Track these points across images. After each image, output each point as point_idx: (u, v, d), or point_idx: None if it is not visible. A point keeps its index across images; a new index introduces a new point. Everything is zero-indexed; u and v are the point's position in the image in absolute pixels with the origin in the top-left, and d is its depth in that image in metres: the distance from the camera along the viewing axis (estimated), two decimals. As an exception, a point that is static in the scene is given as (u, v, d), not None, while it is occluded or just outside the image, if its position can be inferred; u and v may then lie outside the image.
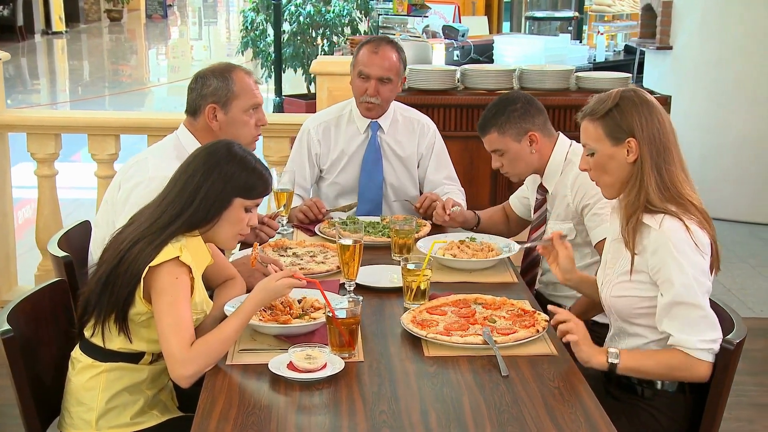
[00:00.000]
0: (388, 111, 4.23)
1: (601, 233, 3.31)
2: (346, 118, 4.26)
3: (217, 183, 2.76)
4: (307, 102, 9.80)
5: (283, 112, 9.24)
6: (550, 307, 2.86)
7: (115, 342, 2.78)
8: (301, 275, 2.82)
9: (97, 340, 2.79)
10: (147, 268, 2.66)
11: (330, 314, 2.70)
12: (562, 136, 3.61)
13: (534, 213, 3.71)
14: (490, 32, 10.74)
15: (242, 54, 10.62)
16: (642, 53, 9.51)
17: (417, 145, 4.28)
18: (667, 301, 2.70)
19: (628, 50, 10.47)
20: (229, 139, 2.97)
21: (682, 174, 2.80)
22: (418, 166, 4.31)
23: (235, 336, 2.67)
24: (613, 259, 2.94)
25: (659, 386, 2.82)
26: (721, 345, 2.67)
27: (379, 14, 8.30)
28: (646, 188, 2.76)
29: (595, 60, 9.18)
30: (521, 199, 3.92)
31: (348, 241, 3.13)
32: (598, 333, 3.26)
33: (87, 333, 2.81)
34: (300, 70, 10.19)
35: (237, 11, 33.97)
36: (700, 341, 2.67)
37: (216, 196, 2.77)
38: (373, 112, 4.17)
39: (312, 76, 10.07)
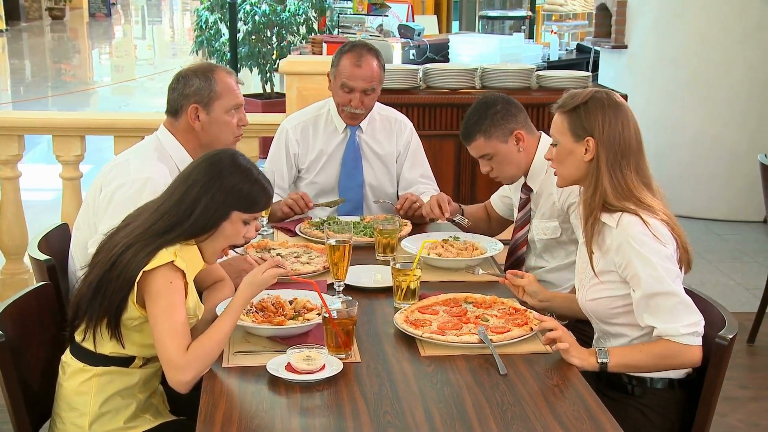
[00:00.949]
0: None
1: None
2: (324, 118, 4.25)
3: (217, 195, 2.72)
4: (264, 101, 9.75)
5: (239, 111, 9.16)
6: (536, 315, 2.88)
7: (107, 346, 2.75)
8: (284, 263, 2.81)
9: (88, 345, 2.75)
10: (141, 272, 2.63)
11: (326, 315, 2.69)
12: (544, 135, 3.63)
13: (518, 212, 3.72)
14: (440, 31, 10.79)
15: (197, 53, 10.53)
16: (596, 52, 9.61)
17: (395, 143, 4.29)
18: (641, 295, 2.74)
19: (581, 49, 10.59)
20: (234, 149, 2.93)
21: (638, 181, 2.83)
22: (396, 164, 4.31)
23: (227, 335, 2.65)
24: (584, 264, 2.97)
25: (648, 383, 2.84)
26: (715, 341, 2.71)
27: (339, 13, 8.28)
28: (602, 188, 2.81)
29: (549, 59, 9.27)
30: (502, 199, 3.93)
31: (338, 242, 3.12)
32: (582, 330, 3.29)
33: (78, 337, 2.78)
34: (256, 70, 10.13)
35: (180, 11, 33.77)
36: (683, 327, 2.70)
37: (215, 209, 2.73)
38: (356, 120, 4.17)
39: (268, 75, 10.04)
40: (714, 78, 7.78)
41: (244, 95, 3.65)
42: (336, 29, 8.64)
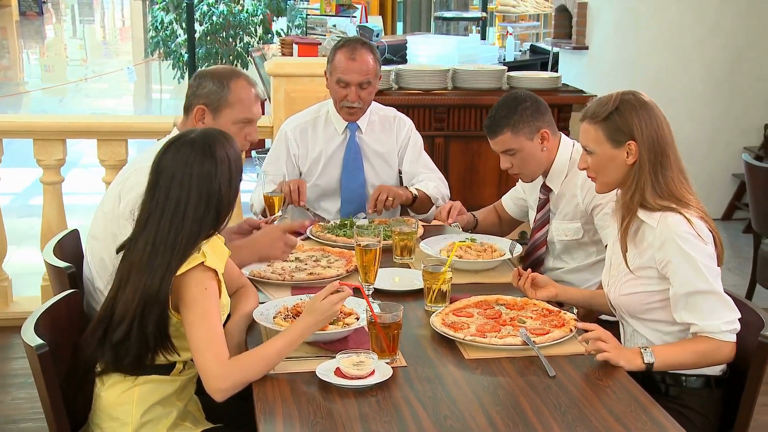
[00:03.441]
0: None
1: (612, 233, 3.34)
2: (323, 120, 4.24)
3: (222, 187, 2.65)
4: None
5: (198, 112, 9.06)
6: (579, 324, 2.87)
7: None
8: (344, 284, 2.74)
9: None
10: (173, 279, 2.58)
11: (373, 320, 2.68)
12: (564, 136, 3.64)
13: (537, 213, 3.72)
14: (385, 32, 10.79)
15: (151, 55, 10.38)
16: (549, 53, 9.69)
17: (395, 140, 4.30)
18: (682, 292, 2.77)
19: (534, 50, 10.69)
20: (185, 141, 2.71)
21: (680, 176, 2.88)
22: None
23: (278, 357, 2.60)
24: (616, 260, 2.99)
25: (684, 383, 2.86)
26: (758, 339, 2.74)
27: (307, 15, 8.23)
28: (642, 190, 2.84)
29: (504, 60, 9.34)
30: (516, 201, 3.95)
31: (369, 244, 3.11)
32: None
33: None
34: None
35: (110, 12, 33.26)
36: (723, 324, 2.74)
37: (230, 198, 2.68)
38: (355, 115, 4.16)
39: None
40: (672, 79, 7.91)
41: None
42: (304, 30, 8.57)
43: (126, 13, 33.61)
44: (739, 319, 2.79)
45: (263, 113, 5.41)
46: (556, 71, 9.09)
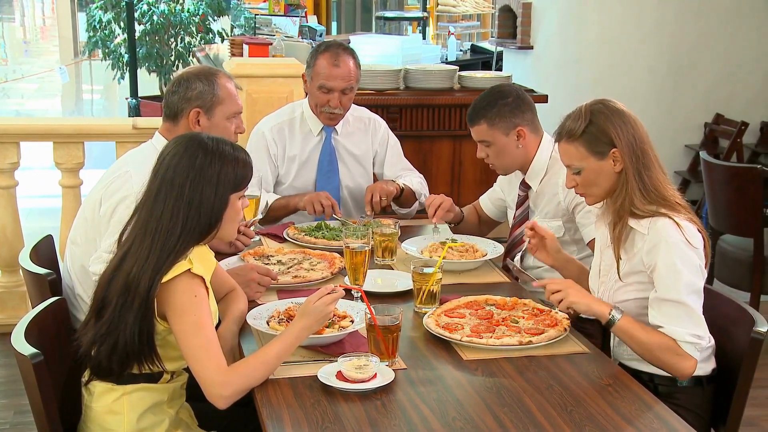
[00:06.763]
0: None
1: (596, 236, 3.35)
2: (299, 120, 4.20)
3: (207, 191, 2.61)
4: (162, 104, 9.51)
5: (140, 115, 8.93)
6: (535, 283, 2.90)
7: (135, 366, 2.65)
8: (336, 287, 2.71)
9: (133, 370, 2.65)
10: (159, 286, 2.53)
11: (372, 323, 2.66)
12: (546, 134, 3.65)
13: (516, 210, 3.73)
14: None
15: (88, 54, 10.19)
16: (492, 53, 9.78)
17: (371, 143, 4.28)
18: (656, 296, 2.79)
19: (474, 50, 10.78)
20: (194, 134, 2.75)
21: (661, 174, 2.90)
22: (373, 165, 4.30)
23: (277, 361, 2.56)
24: (607, 267, 3.00)
25: (677, 381, 2.87)
26: (751, 336, 2.78)
27: (255, 15, 8.18)
28: (630, 194, 2.85)
29: (447, 59, 9.41)
30: (494, 201, 3.95)
31: (359, 247, 3.10)
32: (583, 328, 3.33)
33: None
34: (154, 72, 9.87)
35: (31, 11, 32.51)
36: (689, 334, 2.73)
37: (213, 204, 2.63)
38: (335, 120, 4.13)
39: (167, 77, 9.83)
40: (615, 78, 8.02)
41: (143, 97, 3.54)
42: (252, 30, 8.53)
43: (47, 12, 32.85)
44: (706, 338, 2.80)
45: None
46: (500, 70, 9.20)
